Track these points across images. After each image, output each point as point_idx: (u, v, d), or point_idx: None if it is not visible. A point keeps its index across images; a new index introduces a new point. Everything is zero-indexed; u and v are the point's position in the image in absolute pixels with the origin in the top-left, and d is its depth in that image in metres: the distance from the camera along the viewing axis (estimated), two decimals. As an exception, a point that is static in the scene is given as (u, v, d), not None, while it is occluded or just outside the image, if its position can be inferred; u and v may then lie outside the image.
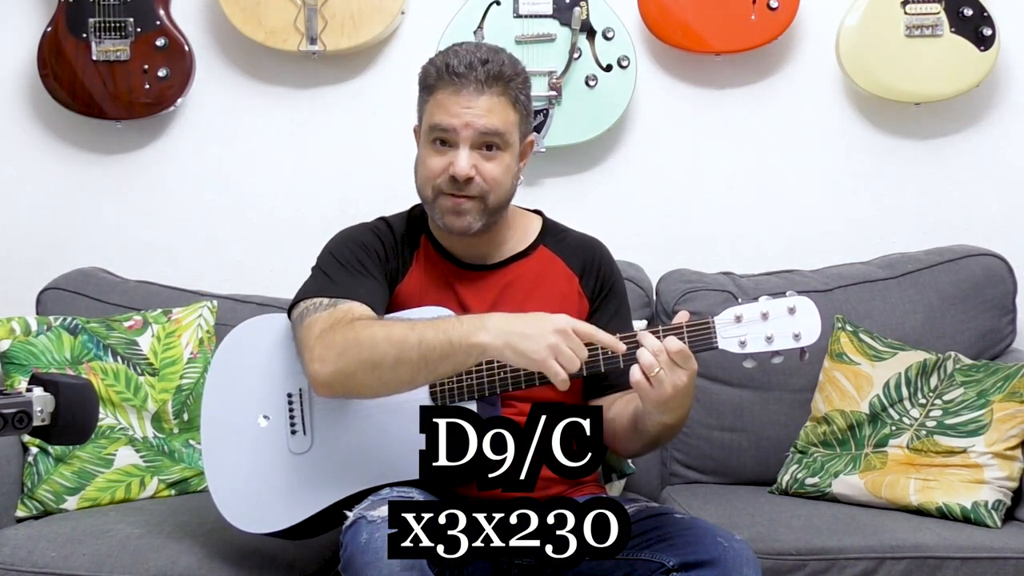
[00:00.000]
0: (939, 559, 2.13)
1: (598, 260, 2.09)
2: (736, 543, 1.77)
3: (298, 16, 2.81)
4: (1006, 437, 2.34)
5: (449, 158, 1.93)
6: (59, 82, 2.85)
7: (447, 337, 1.74)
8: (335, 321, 1.84)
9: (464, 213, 1.94)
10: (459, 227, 1.95)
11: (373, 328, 1.80)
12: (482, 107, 1.91)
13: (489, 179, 1.93)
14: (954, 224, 2.90)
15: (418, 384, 1.81)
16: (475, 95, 1.91)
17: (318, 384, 1.83)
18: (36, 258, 2.94)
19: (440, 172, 1.93)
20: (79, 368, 2.47)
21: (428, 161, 1.95)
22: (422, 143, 1.99)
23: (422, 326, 1.77)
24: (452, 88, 1.92)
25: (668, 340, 1.72)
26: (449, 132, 1.92)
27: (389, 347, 1.76)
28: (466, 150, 1.92)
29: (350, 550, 1.71)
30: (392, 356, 1.76)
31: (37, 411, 1.39)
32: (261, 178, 2.98)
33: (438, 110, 1.93)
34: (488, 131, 1.92)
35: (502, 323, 1.73)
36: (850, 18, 2.80)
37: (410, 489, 1.82)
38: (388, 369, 1.77)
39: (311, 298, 1.92)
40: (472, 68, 1.91)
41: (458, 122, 1.91)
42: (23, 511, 2.40)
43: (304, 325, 1.88)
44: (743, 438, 2.62)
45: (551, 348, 1.69)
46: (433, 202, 1.96)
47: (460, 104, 1.91)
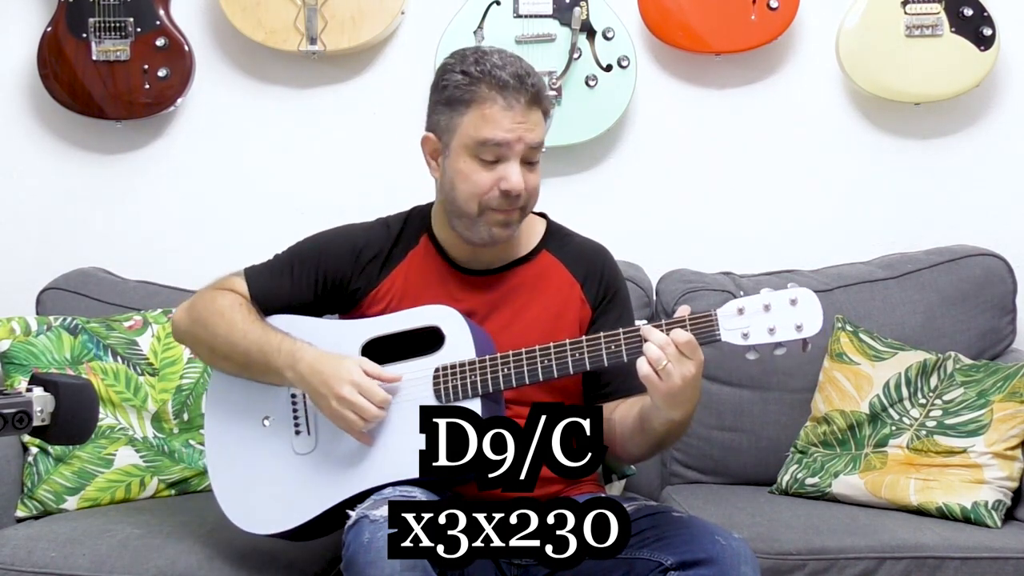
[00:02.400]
0: (939, 559, 2.13)
1: (601, 267, 2.08)
2: (734, 541, 1.77)
3: (298, 16, 2.81)
4: (1006, 437, 2.34)
5: (497, 173, 1.89)
6: (59, 82, 2.85)
7: (264, 361, 1.93)
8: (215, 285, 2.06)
9: (511, 225, 1.94)
10: (505, 237, 1.96)
11: (223, 317, 1.99)
12: (532, 122, 1.90)
13: (532, 190, 1.93)
14: (954, 224, 2.90)
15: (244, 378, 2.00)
16: (527, 109, 1.89)
17: (172, 327, 2.12)
18: (36, 258, 2.94)
19: (489, 188, 1.90)
20: (79, 368, 2.47)
21: (474, 177, 1.90)
22: (459, 156, 1.91)
23: (252, 343, 1.95)
24: (503, 101, 1.87)
25: (675, 332, 1.72)
26: (503, 147, 1.88)
27: (223, 343, 1.98)
28: (517, 164, 1.90)
29: (352, 549, 1.71)
30: (223, 352, 1.99)
31: (37, 411, 1.39)
32: (261, 178, 2.98)
33: (487, 125, 1.88)
34: (537, 146, 1.91)
35: (306, 369, 1.89)
36: (850, 18, 2.80)
37: (413, 488, 1.82)
38: (219, 358, 2.01)
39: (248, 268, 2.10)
40: (522, 82, 1.88)
41: (512, 137, 1.88)
42: (23, 511, 2.40)
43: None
44: (743, 438, 2.62)
45: (341, 401, 1.84)
46: (478, 216, 1.93)
47: (514, 119, 1.88)
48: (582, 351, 1.81)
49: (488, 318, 1.98)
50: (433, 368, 1.87)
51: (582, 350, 1.81)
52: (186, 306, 2.07)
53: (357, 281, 2.03)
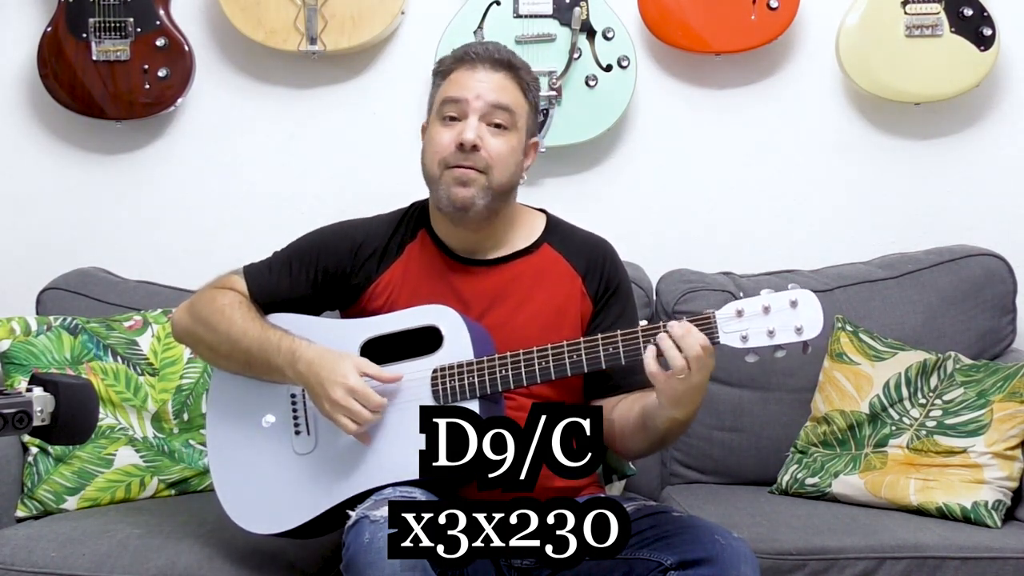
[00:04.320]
0: (939, 559, 2.13)
1: (603, 260, 2.07)
2: (734, 541, 1.77)
3: (298, 16, 2.81)
4: (1006, 437, 2.34)
5: (458, 129, 1.94)
6: (59, 82, 2.85)
7: (266, 358, 1.94)
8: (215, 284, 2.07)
9: (469, 184, 1.93)
10: (462, 198, 1.93)
11: (223, 316, 1.99)
12: (494, 82, 1.96)
13: (495, 153, 1.94)
14: (954, 224, 2.90)
15: (246, 376, 2.00)
16: (489, 71, 1.96)
17: (172, 327, 2.12)
18: (36, 258, 2.94)
19: (448, 144, 1.94)
20: (79, 368, 2.47)
21: (436, 137, 1.96)
22: (432, 126, 1.99)
23: (253, 341, 1.95)
24: (467, 66, 1.97)
25: (701, 339, 1.72)
26: (460, 103, 1.94)
27: (224, 342, 1.99)
28: (475, 120, 1.93)
29: (352, 549, 1.71)
30: (224, 351, 2.00)
31: (37, 411, 1.39)
32: (261, 178, 2.98)
33: (451, 86, 1.97)
34: (498, 104, 1.94)
35: (304, 369, 1.90)
36: (850, 18, 2.80)
37: (413, 489, 1.83)
38: (221, 356, 2.01)
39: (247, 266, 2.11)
40: (487, 51, 1.98)
41: (470, 94, 1.94)
42: (23, 511, 2.40)
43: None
44: (743, 438, 2.62)
45: (334, 406, 1.85)
46: (439, 178, 1.95)
47: (474, 79, 1.95)
48: (580, 353, 1.81)
49: (488, 311, 1.98)
50: (431, 369, 1.87)
51: (580, 352, 1.81)
52: (186, 306, 2.08)
53: (357, 276, 2.04)
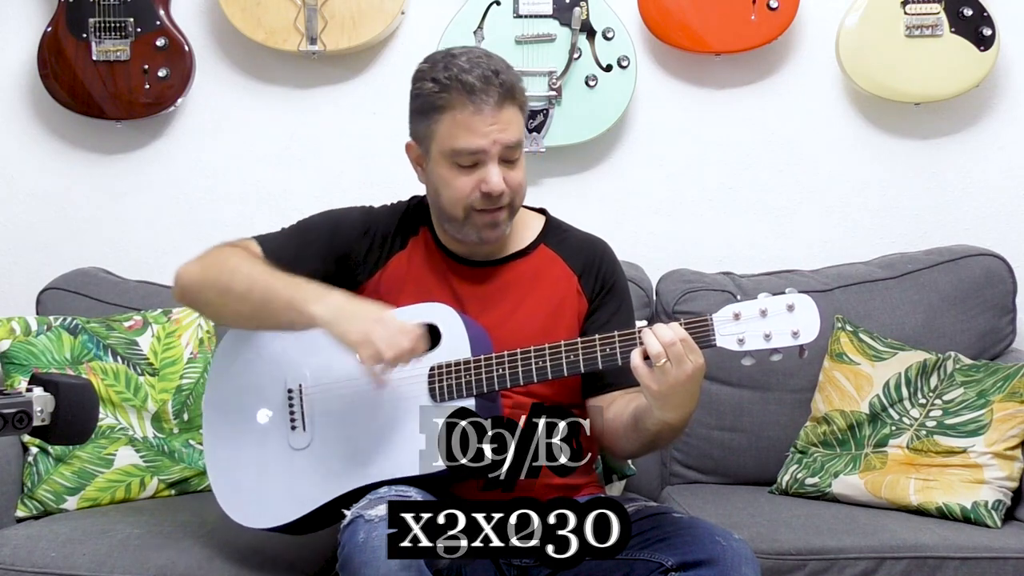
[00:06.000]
0: (939, 559, 2.13)
1: (599, 259, 2.08)
2: (735, 542, 1.77)
3: (298, 16, 2.81)
4: (1006, 437, 2.34)
5: (477, 176, 1.90)
6: (59, 82, 2.85)
7: (288, 295, 1.84)
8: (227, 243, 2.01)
9: (499, 224, 1.94)
10: (495, 238, 1.96)
11: (242, 260, 1.94)
12: (504, 121, 1.88)
13: (515, 187, 1.93)
14: (954, 224, 2.91)
15: (250, 327, 1.96)
16: (496, 110, 1.87)
17: (174, 283, 2.00)
18: (36, 258, 2.94)
19: (470, 191, 1.90)
20: (79, 368, 2.47)
21: (455, 183, 1.91)
22: (439, 163, 1.92)
23: (276, 279, 1.87)
24: (472, 107, 1.86)
25: (680, 330, 1.71)
26: (478, 154, 1.88)
27: (243, 280, 1.89)
28: (495, 166, 1.89)
29: (347, 549, 1.71)
30: (241, 289, 1.89)
31: (37, 411, 1.39)
32: (261, 178, 2.98)
33: (461, 132, 1.88)
34: (512, 144, 1.90)
35: (340, 301, 1.82)
36: (850, 18, 2.80)
37: (408, 488, 1.82)
38: (234, 298, 1.90)
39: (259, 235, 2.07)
40: (489, 83, 1.86)
41: (485, 142, 1.87)
42: (23, 511, 2.40)
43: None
44: (743, 438, 2.62)
45: (367, 332, 1.76)
46: (464, 220, 1.94)
47: (484, 123, 1.87)
48: (577, 353, 1.81)
49: (485, 311, 1.98)
50: (428, 367, 1.87)
51: (577, 352, 1.81)
52: (195, 259, 2.01)
53: (365, 258, 2.04)
